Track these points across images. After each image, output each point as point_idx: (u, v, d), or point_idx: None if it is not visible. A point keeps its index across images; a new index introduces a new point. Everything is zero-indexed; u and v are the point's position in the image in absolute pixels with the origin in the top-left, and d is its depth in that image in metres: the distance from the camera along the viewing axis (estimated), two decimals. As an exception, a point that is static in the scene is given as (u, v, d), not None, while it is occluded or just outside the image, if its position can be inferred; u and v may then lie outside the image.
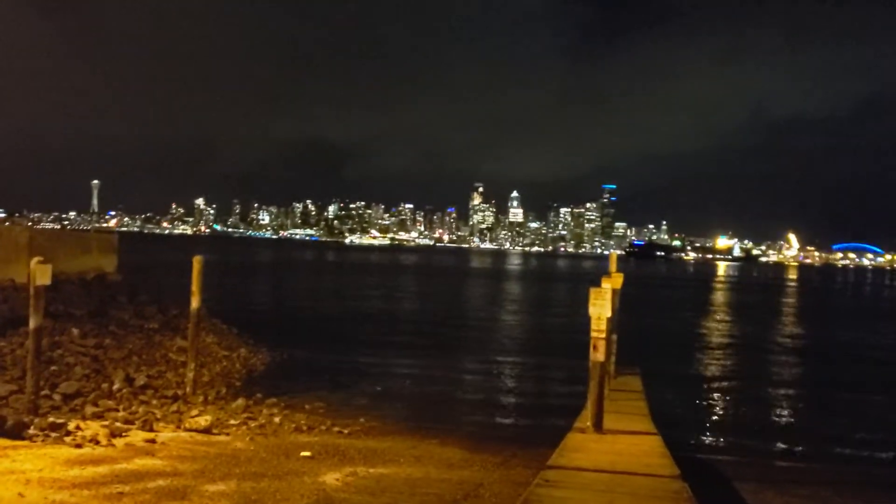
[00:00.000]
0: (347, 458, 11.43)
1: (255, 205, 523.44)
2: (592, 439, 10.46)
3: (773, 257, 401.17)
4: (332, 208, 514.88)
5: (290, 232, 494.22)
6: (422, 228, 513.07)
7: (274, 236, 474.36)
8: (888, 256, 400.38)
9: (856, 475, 12.92)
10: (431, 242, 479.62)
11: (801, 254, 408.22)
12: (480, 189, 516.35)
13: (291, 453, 11.41)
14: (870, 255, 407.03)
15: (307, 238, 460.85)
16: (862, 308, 67.66)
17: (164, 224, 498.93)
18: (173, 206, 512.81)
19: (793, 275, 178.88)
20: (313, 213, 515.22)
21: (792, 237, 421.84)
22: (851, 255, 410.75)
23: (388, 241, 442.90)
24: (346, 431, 13.66)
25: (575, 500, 7.67)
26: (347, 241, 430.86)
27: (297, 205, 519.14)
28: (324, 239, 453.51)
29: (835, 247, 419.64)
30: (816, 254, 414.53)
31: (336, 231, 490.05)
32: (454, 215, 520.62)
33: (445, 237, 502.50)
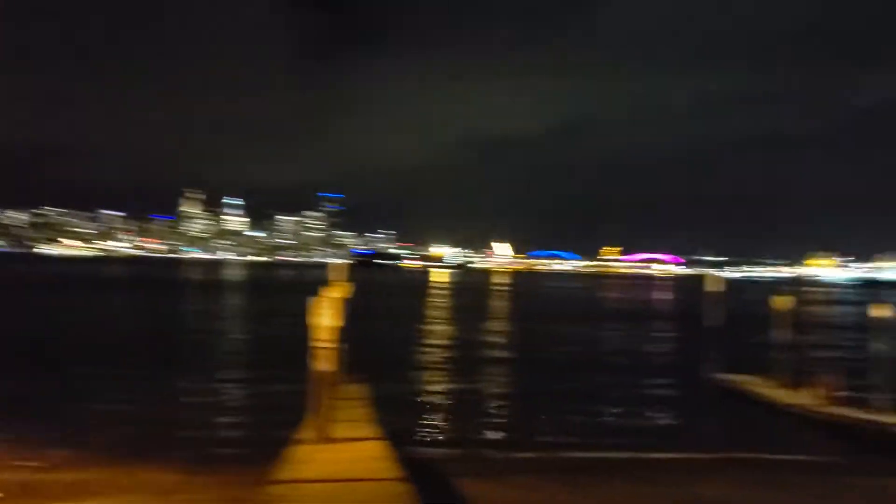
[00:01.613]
0: (46, 494, 10.22)
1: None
2: (318, 449, 10.43)
3: (483, 264, 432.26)
4: (21, 216, 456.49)
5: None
6: (130, 237, 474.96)
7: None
8: (580, 262, 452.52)
9: (559, 461, 14.30)
10: (141, 252, 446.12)
11: (508, 261, 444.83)
12: (197, 195, 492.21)
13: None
14: (565, 261, 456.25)
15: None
16: (561, 310, 75.30)
17: None
18: None
19: (500, 279, 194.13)
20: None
21: (500, 245, 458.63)
22: (550, 261, 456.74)
23: (94, 252, 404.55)
24: (41, 465, 12.19)
25: (301, 513, 7.60)
26: (43, 250, 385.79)
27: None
28: (7, 250, 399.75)
29: (535, 254, 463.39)
30: (521, 260, 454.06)
31: (25, 241, 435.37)
32: (167, 223, 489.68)
33: (156, 246, 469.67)
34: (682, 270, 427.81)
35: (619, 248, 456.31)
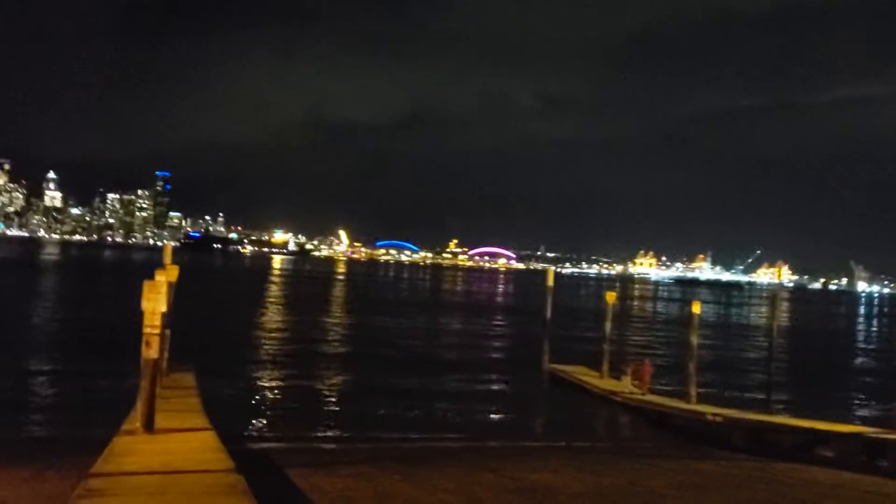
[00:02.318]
0: None
1: None
2: (143, 440, 9.92)
3: (325, 252, 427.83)
4: None
5: None
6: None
7: None
8: (422, 253, 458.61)
9: (393, 451, 14.46)
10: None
11: (350, 249, 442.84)
12: (6, 167, 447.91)
13: None
14: (408, 252, 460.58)
15: None
16: (399, 299, 76.04)
17: None
18: None
19: (342, 268, 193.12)
20: None
21: (342, 233, 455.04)
22: (392, 252, 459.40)
23: None
24: None
25: (123, 508, 7.20)
26: None
27: None
28: None
29: (378, 244, 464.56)
30: (363, 249, 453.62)
31: None
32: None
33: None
34: (521, 265, 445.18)
35: (456, 241, 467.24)
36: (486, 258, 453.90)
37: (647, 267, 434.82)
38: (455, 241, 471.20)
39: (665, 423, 18.84)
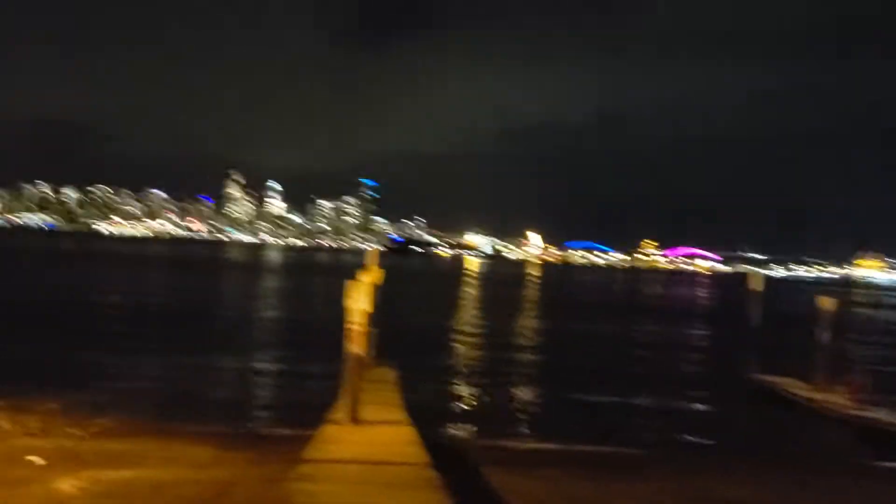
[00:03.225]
0: (86, 462, 10.58)
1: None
2: (348, 431, 10.62)
3: (517, 255, 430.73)
4: (72, 193, 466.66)
5: (22, 216, 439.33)
6: (174, 218, 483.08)
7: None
8: (617, 255, 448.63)
9: (588, 456, 14.33)
10: (184, 233, 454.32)
11: (543, 251, 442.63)
12: (239, 179, 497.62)
13: (19, 460, 10.33)
14: (601, 254, 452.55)
15: (43, 226, 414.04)
16: (595, 303, 74.93)
17: None
18: None
19: (535, 271, 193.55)
20: (53, 198, 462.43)
21: (534, 235, 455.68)
22: (585, 254, 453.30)
23: (142, 232, 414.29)
24: (84, 434, 12.61)
25: (330, 493, 7.76)
26: (105, 230, 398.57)
27: (28, 187, 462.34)
28: (63, 227, 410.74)
29: (568, 245, 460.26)
30: (555, 252, 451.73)
31: (77, 218, 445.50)
32: (210, 205, 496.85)
33: (200, 228, 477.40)
34: (726, 268, 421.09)
35: (655, 243, 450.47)
36: (686, 260, 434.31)
37: (870, 269, 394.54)
38: (651, 242, 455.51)
39: (878, 438, 17.13)
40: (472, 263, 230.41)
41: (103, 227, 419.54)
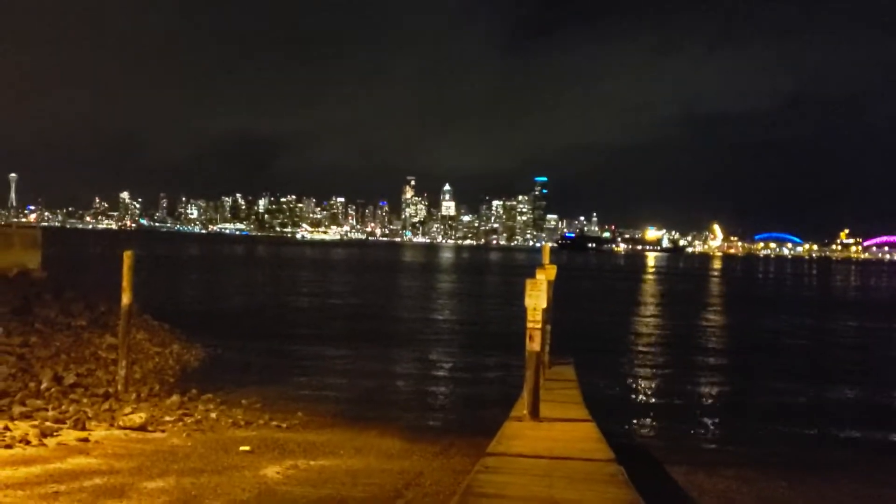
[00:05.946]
0: (287, 451, 11.42)
1: (183, 199, 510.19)
2: (529, 426, 10.71)
3: (699, 248, 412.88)
4: (262, 202, 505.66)
5: (220, 227, 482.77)
6: (353, 222, 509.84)
7: (202, 231, 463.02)
8: (806, 246, 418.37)
9: (777, 456, 13.56)
10: (363, 236, 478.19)
11: (725, 244, 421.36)
12: (412, 182, 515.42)
13: (230, 448, 11.32)
14: (789, 245, 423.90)
15: (238, 233, 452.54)
16: (783, 296, 70.40)
17: (88, 219, 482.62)
18: (97, 201, 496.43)
19: (717, 264, 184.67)
20: (244, 207, 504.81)
21: (716, 228, 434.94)
22: (772, 245, 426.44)
23: (339, 237, 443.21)
24: (284, 425, 13.61)
25: (515, 485, 7.87)
26: (298, 235, 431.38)
27: (227, 199, 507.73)
28: (255, 233, 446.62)
29: (757, 237, 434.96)
30: (739, 244, 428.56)
31: (267, 225, 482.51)
32: (386, 209, 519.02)
33: (377, 231, 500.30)
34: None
35: (846, 231, 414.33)
36: (886, 249, 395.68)
37: None
38: (846, 230, 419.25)
39: None
40: (650, 258, 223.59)
41: (299, 233, 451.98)
